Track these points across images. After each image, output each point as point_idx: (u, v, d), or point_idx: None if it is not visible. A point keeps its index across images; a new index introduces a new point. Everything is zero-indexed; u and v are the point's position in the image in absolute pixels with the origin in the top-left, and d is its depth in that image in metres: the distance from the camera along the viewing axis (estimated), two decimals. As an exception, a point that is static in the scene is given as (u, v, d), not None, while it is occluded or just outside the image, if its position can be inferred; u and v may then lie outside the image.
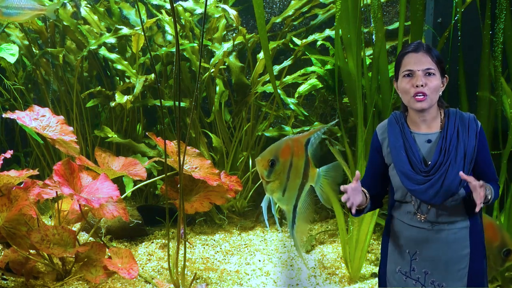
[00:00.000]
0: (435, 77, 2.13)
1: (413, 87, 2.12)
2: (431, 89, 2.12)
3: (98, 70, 5.10)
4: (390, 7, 5.07)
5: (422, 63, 2.13)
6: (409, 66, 2.14)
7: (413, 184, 2.14)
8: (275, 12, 5.34)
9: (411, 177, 2.14)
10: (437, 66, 2.15)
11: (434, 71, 2.13)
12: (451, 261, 2.19)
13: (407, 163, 2.16)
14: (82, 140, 4.99)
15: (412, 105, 2.15)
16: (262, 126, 5.03)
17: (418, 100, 2.11)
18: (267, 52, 3.99)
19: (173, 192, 3.79)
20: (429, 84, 2.12)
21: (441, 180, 2.11)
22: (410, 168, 2.15)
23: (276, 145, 2.37)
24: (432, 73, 2.13)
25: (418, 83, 2.11)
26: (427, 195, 2.13)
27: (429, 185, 2.12)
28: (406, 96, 2.16)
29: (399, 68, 2.20)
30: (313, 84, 4.68)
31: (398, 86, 2.21)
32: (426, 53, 2.15)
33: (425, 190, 2.12)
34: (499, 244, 2.85)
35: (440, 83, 2.16)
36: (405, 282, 2.25)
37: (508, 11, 3.52)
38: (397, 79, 2.23)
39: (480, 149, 2.18)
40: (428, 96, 2.11)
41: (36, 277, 3.67)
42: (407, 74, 2.15)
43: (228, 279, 3.93)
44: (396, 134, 2.22)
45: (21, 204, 3.25)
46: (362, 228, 3.76)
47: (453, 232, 2.18)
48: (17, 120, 3.55)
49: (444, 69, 2.20)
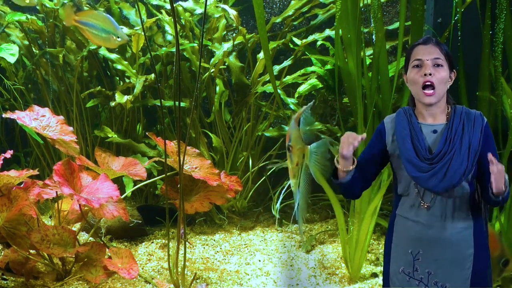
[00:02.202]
0: (443, 69, 2.17)
1: (421, 76, 2.16)
2: (439, 79, 2.15)
3: (98, 70, 5.10)
4: (390, 7, 5.07)
5: (431, 53, 2.18)
6: (419, 56, 2.19)
7: (417, 171, 2.16)
8: (275, 12, 5.34)
9: (415, 164, 2.16)
10: (446, 58, 2.19)
11: (442, 62, 2.17)
12: (454, 262, 2.19)
13: (412, 150, 2.18)
14: (82, 140, 4.99)
15: (421, 98, 2.19)
16: (262, 126, 5.03)
17: (426, 94, 2.15)
18: (267, 52, 3.99)
19: (173, 192, 3.79)
20: (437, 74, 2.15)
21: (445, 168, 2.13)
22: (415, 155, 2.17)
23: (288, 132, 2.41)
24: (440, 64, 2.16)
25: (426, 72, 2.15)
26: (430, 183, 2.14)
27: (433, 173, 2.13)
28: (415, 87, 2.20)
29: (409, 60, 2.25)
30: (313, 84, 4.68)
31: (408, 77, 2.25)
32: (436, 45, 2.20)
33: (428, 178, 2.14)
34: (498, 254, 2.88)
35: (448, 76, 2.20)
36: (409, 282, 2.25)
37: (508, 11, 3.52)
38: (406, 71, 2.27)
39: (485, 144, 2.19)
40: (436, 88, 2.15)
41: (36, 277, 3.67)
42: (416, 65, 2.20)
43: (228, 279, 3.93)
44: (403, 124, 2.25)
45: (21, 204, 3.25)
46: (362, 228, 3.76)
47: (457, 232, 2.18)
48: (17, 120, 3.54)
49: (452, 64, 2.23)
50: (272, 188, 5.05)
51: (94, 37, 3.51)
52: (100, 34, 3.49)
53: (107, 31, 3.47)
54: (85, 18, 3.48)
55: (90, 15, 3.49)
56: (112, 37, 3.48)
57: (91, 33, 3.49)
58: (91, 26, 3.49)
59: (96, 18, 3.48)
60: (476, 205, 2.22)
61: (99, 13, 3.58)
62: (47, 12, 4.82)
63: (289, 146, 2.31)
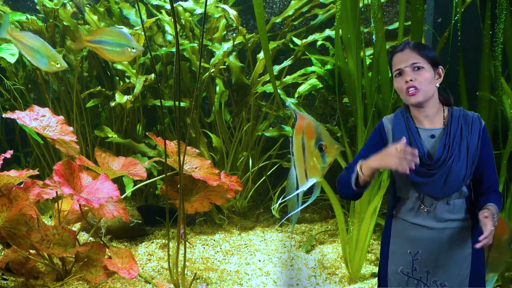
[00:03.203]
0: (424, 70, 2.17)
1: (404, 83, 2.18)
2: (421, 82, 2.16)
3: (98, 70, 5.10)
4: (390, 7, 5.07)
5: (408, 60, 2.19)
6: (398, 65, 2.21)
7: (417, 176, 2.16)
8: (275, 12, 5.34)
9: (415, 169, 2.15)
10: (425, 59, 2.19)
11: (421, 64, 2.17)
12: (453, 261, 2.20)
13: None
14: (82, 140, 4.99)
15: (408, 101, 2.20)
16: (262, 126, 5.03)
17: (410, 94, 2.16)
18: (267, 52, 3.99)
19: (173, 192, 3.79)
20: (418, 78, 2.16)
21: (445, 175, 2.13)
22: None
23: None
24: (420, 67, 2.17)
25: (407, 79, 2.17)
26: (430, 189, 2.15)
27: (433, 180, 2.14)
28: (402, 94, 2.22)
29: (391, 69, 2.27)
30: (313, 84, 4.68)
31: (394, 87, 2.26)
32: (412, 49, 2.20)
33: (429, 184, 2.15)
34: (508, 237, 2.92)
35: (433, 75, 2.19)
36: (407, 282, 2.26)
37: (508, 11, 3.51)
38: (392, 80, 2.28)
39: (482, 148, 2.19)
40: (420, 89, 2.15)
41: (36, 277, 3.67)
42: (398, 74, 2.22)
43: (228, 279, 3.93)
44: (401, 127, 2.26)
45: (21, 204, 3.25)
46: (362, 228, 3.76)
47: (456, 232, 2.19)
48: (17, 120, 3.54)
49: (435, 61, 2.22)
50: (272, 188, 5.06)
51: (109, 53, 3.52)
52: (115, 49, 3.49)
53: (121, 44, 3.48)
54: (98, 36, 3.50)
55: (102, 33, 3.51)
56: (127, 49, 3.49)
57: (106, 50, 3.50)
58: (105, 43, 3.51)
59: (108, 34, 3.50)
60: (473, 205, 2.23)
61: (110, 29, 3.59)
62: (47, 12, 4.82)
63: (322, 146, 2.27)
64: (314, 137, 2.33)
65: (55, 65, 3.51)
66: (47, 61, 3.48)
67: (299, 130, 2.36)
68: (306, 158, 2.36)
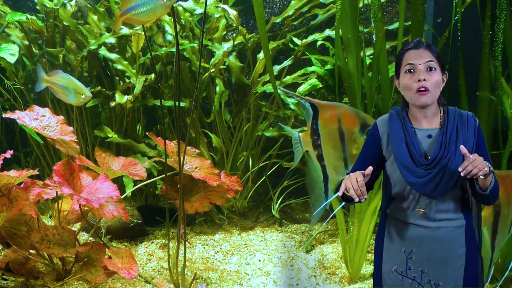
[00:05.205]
0: (436, 72, 2.16)
1: (415, 82, 2.15)
2: (433, 84, 2.14)
3: (98, 70, 5.10)
4: (390, 7, 5.07)
5: (423, 57, 2.16)
6: (411, 61, 2.17)
7: (414, 177, 2.15)
8: (275, 12, 5.35)
9: (411, 170, 2.16)
10: (437, 61, 2.18)
11: (435, 65, 2.16)
12: (447, 260, 2.20)
13: (408, 155, 2.17)
14: (82, 140, 4.99)
15: (416, 101, 2.17)
16: (262, 126, 5.03)
17: (422, 94, 2.13)
18: (267, 52, 3.99)
19: (173, 192, 3.78)
20: (430, 79, 2.14)
21: (441, 173, 2.12)
22: (411, 161, 2.16)
23: None
24: (433, 68, 2.15)
25: (420, 77, 2.13)
26: (427, 189, 2.14)
27: (429, 178, 2.13)
28: (409, 92, 2.18)
29: (400, 65, 2.23)
30: (313, 84, 4.68)
31: (400, 83, 2.23)
32: (426, 48, 2.19)
33: (425, 183, 2.14)
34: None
35: (441, 79, 2.19)
36: (401, 281, 2.26)
37: (508, 11, 3.52)
38: (398, 77, 2.25)
39: (477, 146, 2.20)
40: (431, 91, 2.14)
41: (36, 277, 3.67)
42: (408, 70, 2.18)
43: (228, 279, 3.93)
44: (397, 128, 2.24)
45: (21, 204, 3.25)
46: (362, 228, 3.76)
47: (449, 231, 2.19)
48: (17, 120, 3.55)
49: (444, 66, 2.23)
50: (272, 188, 5.06)
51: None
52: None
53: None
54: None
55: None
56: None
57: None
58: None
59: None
60: (467, 204, 2.23)
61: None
62: (47, 12, 4.82)
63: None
64: (358, 123, 2.25)
65: (81, 97, 3.66)
66: (75, 94, 3.60)
67: (332, 120, 2.27)
68: (347, 147, 2.29)
